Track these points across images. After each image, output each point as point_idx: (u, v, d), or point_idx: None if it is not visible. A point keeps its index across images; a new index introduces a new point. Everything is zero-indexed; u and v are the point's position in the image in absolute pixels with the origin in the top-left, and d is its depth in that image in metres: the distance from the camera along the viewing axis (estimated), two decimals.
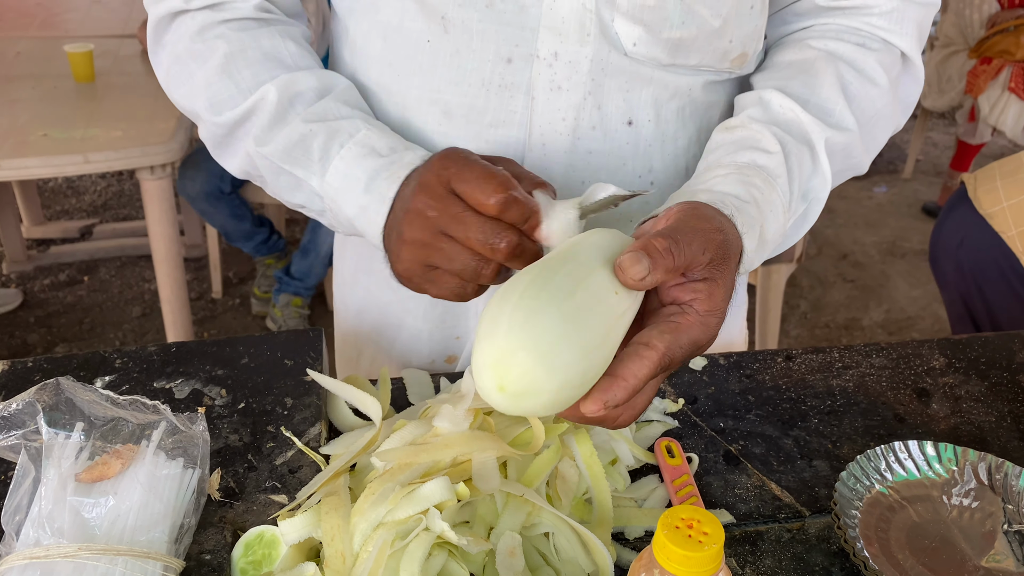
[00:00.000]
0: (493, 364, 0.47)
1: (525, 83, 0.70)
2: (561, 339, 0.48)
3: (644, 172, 0.75)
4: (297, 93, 0.69)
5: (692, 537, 0.43)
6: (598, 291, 0.51)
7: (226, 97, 0.70)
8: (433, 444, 0.59)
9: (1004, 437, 0.75)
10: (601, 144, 0.73)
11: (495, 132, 0.72)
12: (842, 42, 0.74)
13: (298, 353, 0.76)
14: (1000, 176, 1.39)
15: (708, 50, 0.71)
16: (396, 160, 0.65)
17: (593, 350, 0.49)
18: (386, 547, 0.51)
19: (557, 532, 0.59)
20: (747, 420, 0.76)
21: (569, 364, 0.48)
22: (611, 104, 0.71)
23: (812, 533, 0.65)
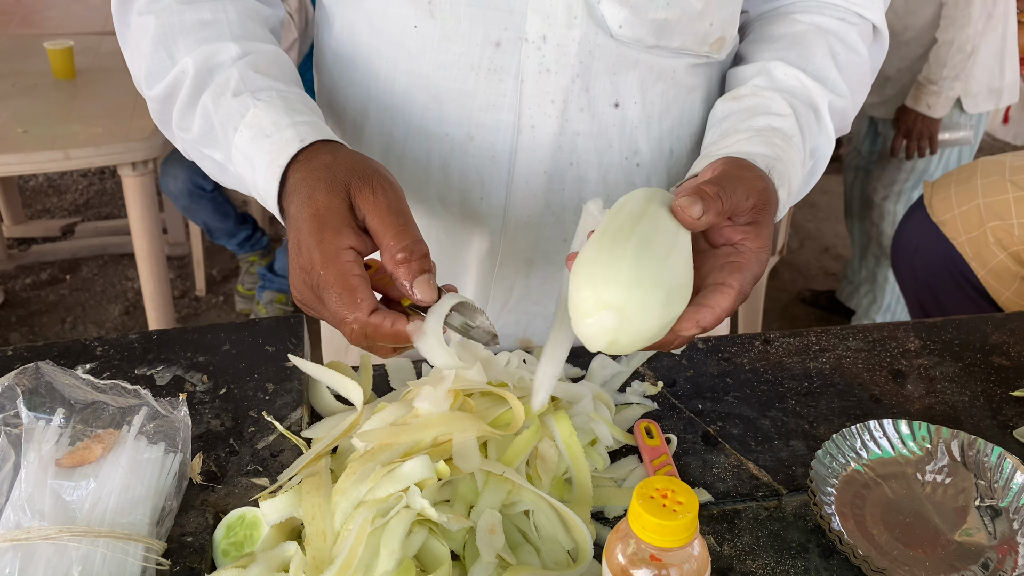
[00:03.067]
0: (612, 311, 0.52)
1: (514, 66, 0.70)
2: (660, 283, 0.54)
3: (630, 154, 0.77)
4: (216, 65, 0.66)
5: (667, 507, 0.44)
6: (672, 235, 0.57)
7: (158, 69, 0.68)
8: (413, 424, 0.59)
9: (977, 416, 0.76)
10: (589, 126, 0.74)
11: (485, 115, 0.72)
12: (825, 16, 0.78)
13: (279, 340, 0.76)
14: (955, 184, 1.44)
15: (690, 32, 0.72)
16: (277, 141, 0.61)
17: (683, 287, 0.56)
18: (367, 524, 0.51)
19: (537, 510, 0.59)
20: (725, 402, 0.77)
21: (671, 303, 0.54)
22: (598, 86, 0.72)
23: (789, 511, 0.66)
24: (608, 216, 0.59)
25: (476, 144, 0.73)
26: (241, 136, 0.63)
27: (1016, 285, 1.36)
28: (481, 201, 0.76)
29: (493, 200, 0.76)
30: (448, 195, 0.76)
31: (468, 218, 0.77)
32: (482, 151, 0.73)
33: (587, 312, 0.53)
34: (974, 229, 1.37)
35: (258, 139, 0.62)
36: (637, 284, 0.53)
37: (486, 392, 0.66)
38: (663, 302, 0.54)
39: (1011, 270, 1.35)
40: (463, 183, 0.75)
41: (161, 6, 0.68)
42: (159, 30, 0.67)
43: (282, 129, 0.61)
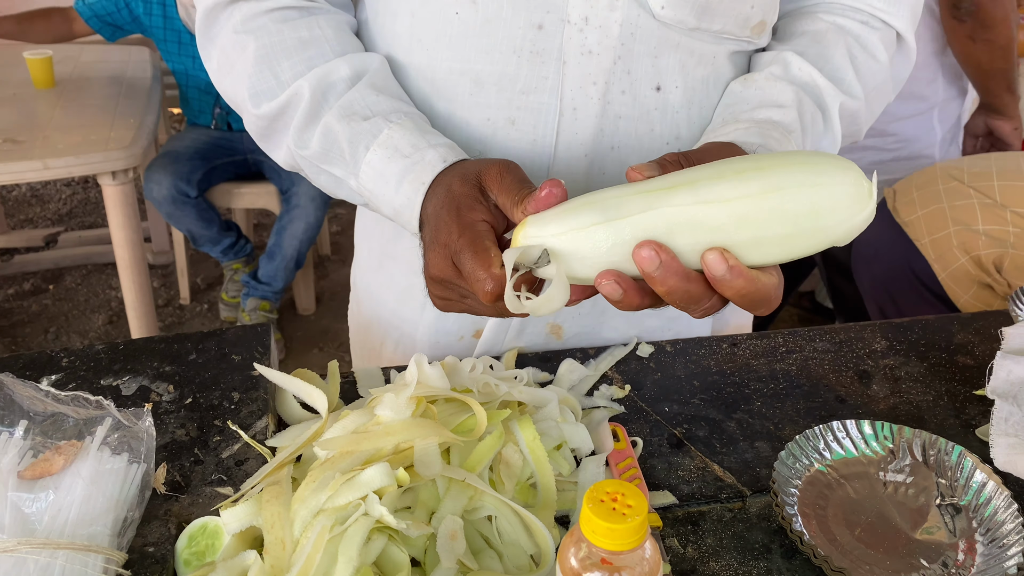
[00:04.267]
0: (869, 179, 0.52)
1: (556, 48, 0.71)
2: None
3: (672, 139, 0.77)
4: (329, 85, 0.70)
5: (616, 510, 0.44)
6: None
7: (264, 89, 0.71)
8: (375, 432, 0.59)
9: (940, 415, 0.77)
10: (631, 109, 0.74)
11: (527, 99, 0.73)
12: (848, 19, 0.79)
13: (246, 348, 0.76)
14: (916, 188, 1.46)
15: (731, 15, 0.73)
16: (418, 161, 0.65)
17: None
18: (325, 532, 0.52)
19: (499, 515, 0.60)
20: (691, 404, 0.77)
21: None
22: (640, 69, 0.72)
23: (753, 512, 0.66)
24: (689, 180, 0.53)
25: (517, 128, 0.74)
26: (374, 155, 0.67)
27: (974, 289, 1.37)
28: None
29: (535, 184, 0.76)
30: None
31: None
32: (523, 135, 0.74)
33: (862, 197, 0.51)
34: (938, 231, 1.39)
35: (395, 159, 0.66)
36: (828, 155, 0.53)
37: (450, 399, 0.66)
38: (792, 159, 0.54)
39: (971, 274, 1.37)
40: None
41: (257, 25, 0.72)
42: (260, 51, 0.71)
43: (422, 150, 0.66)
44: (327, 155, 0.70)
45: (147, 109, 2.31)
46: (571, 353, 0.84)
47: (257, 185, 2.68)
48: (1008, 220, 1.34)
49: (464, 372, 0.69)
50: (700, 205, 0.52)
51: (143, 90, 2.44)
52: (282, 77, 0.71)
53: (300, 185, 2.55)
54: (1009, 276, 1.33)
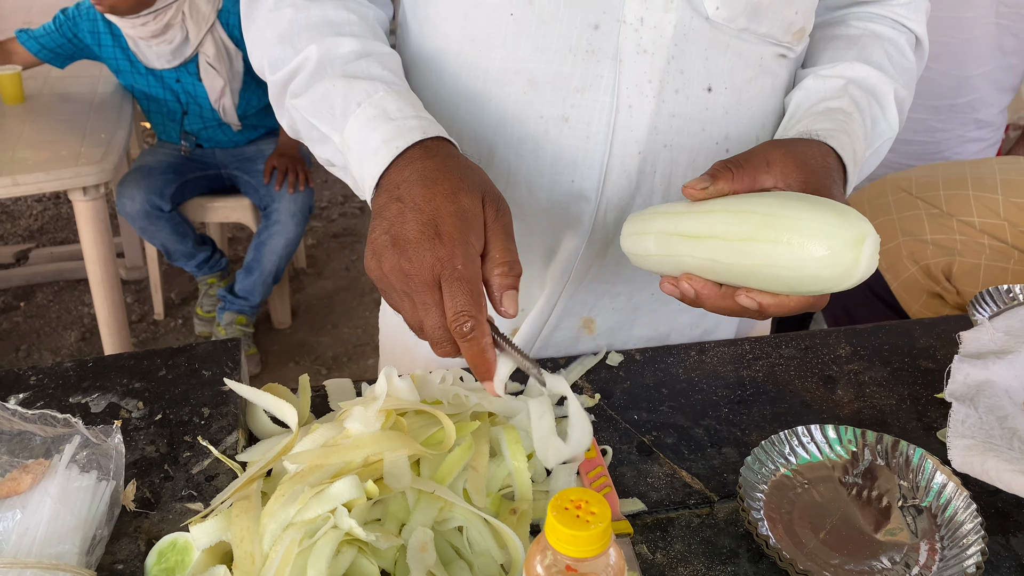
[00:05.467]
0: (869, 236, 0.56)
1: (612, 47, 0.73)
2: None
3: (721, 139, 0.79)
4: (338, 56, 0.71)
5: (580, 517, 0.45)
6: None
7: (282, 56, 0.73)
8: (344, 445, 0.60)
9: (903, 419, 0.78)
10: (683, 108, 0.76)
11: (582, 96, 0.74)
12: (877, 24, 0.84)
13: (216, 364, 0.76)
14: (868, 200, 1.50)
15: (778, 18, 0.76)
16: (401, 126, 0.65)
17: None
18: (294, 545, 0.52)
19: (470, 526, 0.60)
20: (660, 412, 0.78)
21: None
22: (692, 69, 0.75)
23: (721, 517, 0.67)
24: (712, 214, 0.63)
25: (571, 125, 0.76)
26: (364, 111, 0.67)
27: (924, 299, 1.40)
28: (572, 183, 0.79)
29: (586, 182, 0.78)
30: (537, 179, 0.79)
31: (556, 201, 0.80)
32: (576, 132, 0.76)
33: (853, 249, 0.56)
34: (888, 242, 1.42)
35: (380, 119, 0.66)
36: (847, 207, 0.58)
37: (420, 411, 0.66)
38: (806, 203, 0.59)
39: (920, 283, 1.40)
40: (555, 165, 0.78)
41: (289, 2, 0.74)
42: (286, 23, 0.73)
43: (407, 118, 0.66)
44: (316, 108, 0.71)
45: (118, 124, 2.29)
46: (542, 363, 0.84)
47: (231, 199, 2.67)
48: (954, 229, 1.37)
49: (434, 384, 0.70)
50: (720, 253, 0.61)
51: (114, 105, 2.43)
52: (298, 46, 0.72)
53: (281, 201, 2.55)
54: (958, 283, 1.36)
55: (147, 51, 2.43)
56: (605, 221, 0.80)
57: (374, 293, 3.03)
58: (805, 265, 0.57)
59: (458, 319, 0.57)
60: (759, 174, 0.65)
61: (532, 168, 0.78)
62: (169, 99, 2.53)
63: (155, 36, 2.37)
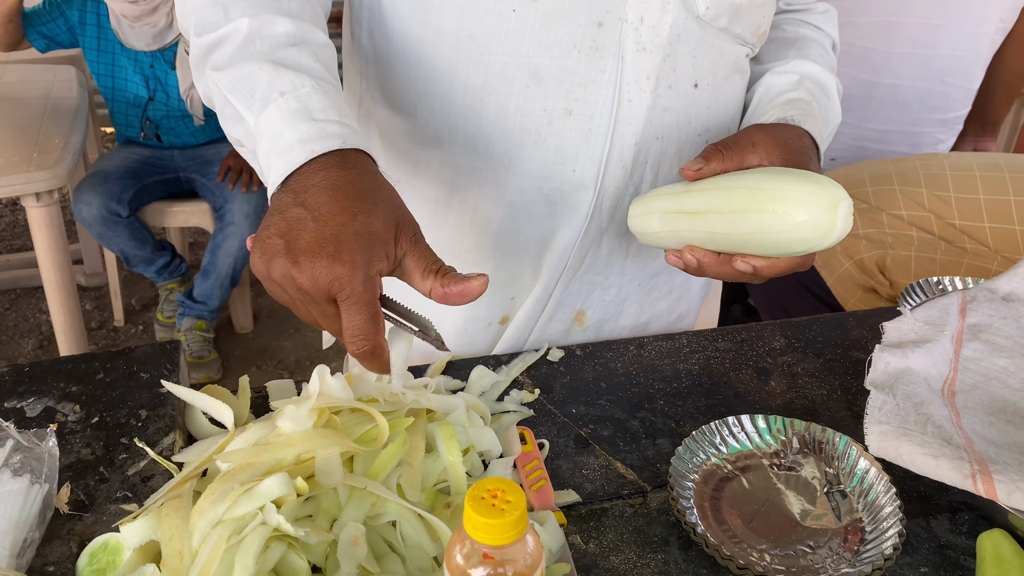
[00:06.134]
0: (843, 200, 0.65)
1: (615, 45, 0.76)
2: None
3: (702, 131, 0.85)
4: (270, 34, 0.69)
5: (496, 506, 0.46)
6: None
7: (211, 20, 0.70)
8: (275, 443, 0.60)
9: (833, 408, 0.81)
10: (674, 102, 0.81)
11: (585, 91, 0.78)
12: (807, 27, 0.93)
13: (154, 366, 0.76)
14: None
15: (751, 21, 0.83)
16: (322, 129, 0.63)
17: None
18: (222, 542, 0.52)
19: (403, 520, 0.61)
20: (598, 405, 0.80)
21: None
22: (683, 67, 0.80)
23: (653, 507, 0.69)
24: (695, 191, 0.72)
25: (574, 118, 0.79)
26: (286, 103, 0.64)
27: (860, 294, 1.44)
28: (574, 173, 0.82)
29: (587, 172, 0.82)
30: (539, 169, 0.82)
31: (556, 190, 0.83)
32: (579, 124, 0.79)
33: (829, 212, 0.65)
34: None
35: (300, 115, 0.63)
36: (822, 177, 0.67)
37: (355, 409, 0.67)
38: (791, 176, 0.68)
39: (855, 278, 1.43)
40: (557, 156, 0.81)
41: None
42: None
43: (330, 121, 0.63)
44: (236, 86, 0.67)
45: (73, 128, 2.27)
46: (484, 360, 0.86)
47: (190, 203, 2.65)
48: (884, 223, 1.41)
49: (370, 382, 0.70)
50: (716, 225, 0.70)
51: (69, 109, 2.40)
52: (231, 15, 0.70)
53: (234, 202, 2.53)
54: (892, 275, 1.39)
55: (128, 31, 2.46)
56: (601, 209, 0.84)
57: None
58: (790, 229, 0.66)
59: (355, 342, 0.58)
60: (746, 154, 0.73)
61: (534, 158, 0.81)
62: (138, 83, 2.54)
63: (141, 18, 2.40)
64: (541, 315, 0.90)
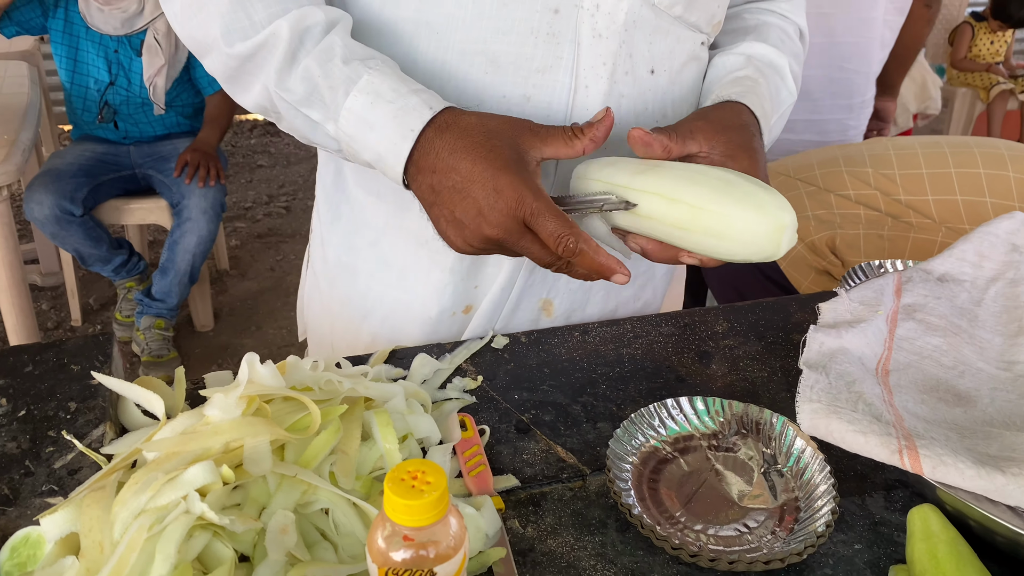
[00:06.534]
0: (789, 226, 0.67)
1: (572, 31, 0.77)
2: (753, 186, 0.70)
3: (660, 117, 0.86)
4: (307, 29, 0.72)
5: (415, 487, 0.46)
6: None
7: (238, 28, 0.72)
8: (202, 432, 0.59)
9: (773, 390, 0.81)
10: (631, 89, 0.81)
11: (542, 77, 0.78)
12: (768, 15, 0.93)
13: (85, 358, 0.75)
14: None
15: (706, 10, 0.84)
16: (402, 107, 0.69)
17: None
18: (142, 531, 0.51)
19: (335, 508, 0.60)
20: (541, 391, 0.80)
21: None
22: (639, 53, 0.80)
23: (592, 490, 0.69)
24: (650, 175, 0.71)
25: (532, 104, 0.79)
26: (355, 100, 0.70)
27: (813, 276, 1.46)
28: None
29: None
30: None
31: None
32: (537, 110, 0.80)
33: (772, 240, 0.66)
34: None
35: (379, 104, 0.69)
36: (768, 194, 0.67)
37: (288, 397, 0.66)
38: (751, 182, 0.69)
39: (807, 260, 1.45)
40: None
41: None
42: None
43: (404, 96, 0.70)
44: (308, 99, 0.72)
45: (23, 125, 2.22)
46: (427, 349, 0.85)
47: (147, 200, 2.62)
48: (832, 203, 1.44)
49: (304, 370, 0.70)
50: (659, 232, 0.72)
51: (19, 106, 2.35)
52: (255, 18, 0.72)
53: (191, 198, 2.50)
54: (843, 255, 1.42)
55: (96, 14, 2.44)
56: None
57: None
58: (735, 254, 0.68)
59: (560, 243, 0.66)
60: (687, 141, 0.74)
61: None
62: (100, 67, 2.50)
63: (111, 1, 2.41)
64: (506, 304, 0.89)
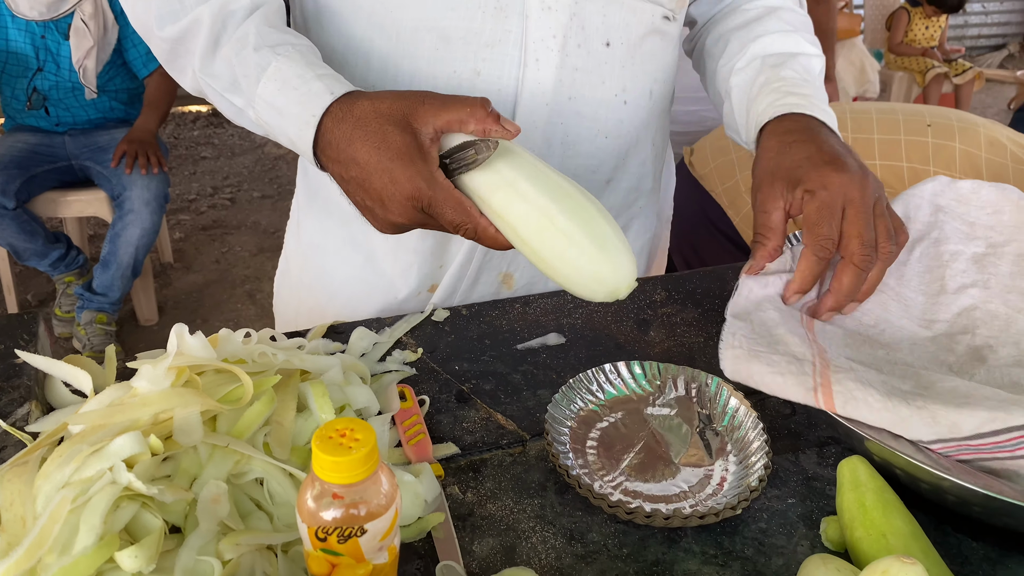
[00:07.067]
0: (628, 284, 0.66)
1: (519, 3, 0.77)
2: (600, 224, 0.66)
3: (619, 91, 0.85)
4: (229, 14, 0.72)
5: (343, 445, 0.46)
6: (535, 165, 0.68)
7: (168, 11, 0.73)
8: (130, 403, 0.58)
9: (710, 354, 0.82)
10: (585, 62, 0.81)
11: (491, 51, 0.78)
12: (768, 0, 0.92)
13: (10, 337, 0.73)
14: (709, 144, 1.60)
15: None
16: (305, 93, 0.69)
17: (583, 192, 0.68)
18: (66, 503, 0.50)
19: (269, 478, 0.60)
20: (481, 361, 0.80)
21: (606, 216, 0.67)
22: (591, 25, 0.80)
23: (532, 455, 0.69)
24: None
25: (483, 79, 0.79)
26: (265, 88, 0.70)
27: None
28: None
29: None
30: None
31: None
32: (489, 85, 0.80)
33: (612, 296, 0.66)
34: (729, 180, 1.51)
35: (285, 91, 0.69)
36: (615, 250, 0.64)
37: (221, 370, 0.65)
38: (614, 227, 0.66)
39: None
40: None
41: None
42: None
43: (308, 82, 0.69)
44: (233, 86, 0.73)
45: None
46: (367, 323, 0.84)
47: (85, 192, 2.55)
48: None
49: (236, 343, 0.69)
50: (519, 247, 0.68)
51: None
52: (186, 1, 0.73)
53: (133, 189, 2.44)
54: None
55: (21, 1, 2.35)
56: None
57: (245, 285, 2.95)
58: (565, 285, 0.67)
59: (458, 231, 0.66)
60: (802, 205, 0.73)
61: None
62: (28, 54, 2.43)
63: None
64: (465, 277, 0.90)
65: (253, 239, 3.28)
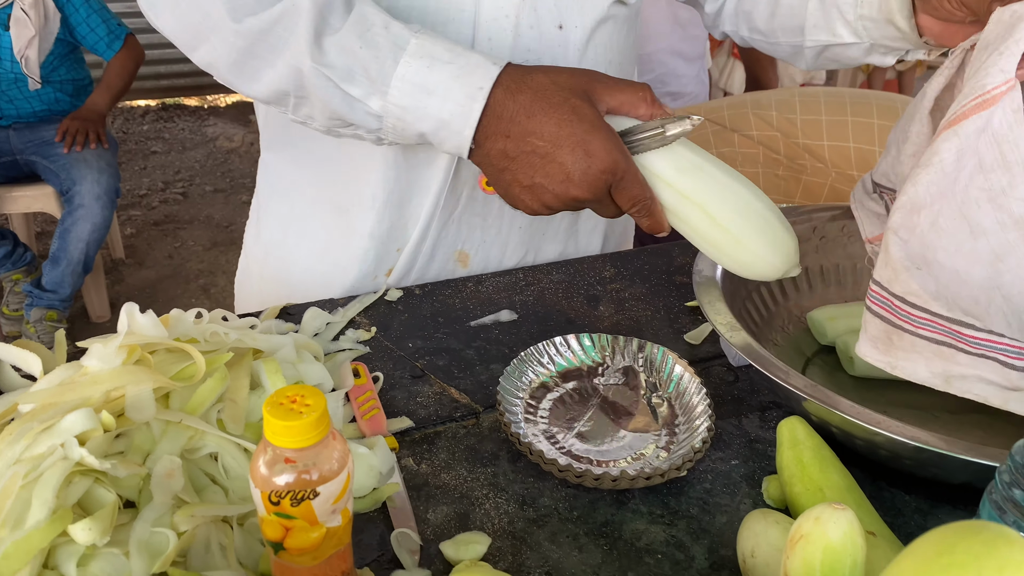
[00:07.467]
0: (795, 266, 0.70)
1: None
2: (769, 215, 0.70)
3: None
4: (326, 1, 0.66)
5: (294, 410, 0.47)
6: (711, 160, 0.70)
7: (246, 1, 0.65)
8: (81, 382, 0.58)
9: (657, 326, 0.85)
10: (538, 44, 0.81)
11: (445, 29, 0.77)
12: None
13: None
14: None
15: None
16: (464, 65, 0.66)
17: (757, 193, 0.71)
18: (17, 479, 0.50)
19: (223, 452, 0.60)
20: (435, 339, 0.81)
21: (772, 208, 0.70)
22: (544, 7, 0.80)
23: (485, 426, 0.71)
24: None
25: None
26: (407, 67, 0.66)
27: None
28: None
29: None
30: None
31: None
32: None
33: (776, 272, 0.70)
34: None
35: (435, 66, 0.65)
36: (781, 234, 0.68)
37: (173, 349, 0.66)
38: (778, 216, 0.69)
39: None
40: None
41: None
42: None
43: (462, 55, 0.66)
44: (349, 74, 0.66)
45: None
46: (320, 304, 0.85)
47: (31, 187, 2.50)
48: (735, 142, 1.55)
49: (188, 322, 0.69)
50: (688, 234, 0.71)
51: None
52: None
53: (83, 184, 2.40)
54: None
55: None
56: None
57: (199, 280, 2.91)
58: (736, 270, 0.71)
59: (633, 207, 0.67)
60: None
61: None
62: None
63: None
64: (420, 254, 0.90)
65: (206, 233, 3.23)
